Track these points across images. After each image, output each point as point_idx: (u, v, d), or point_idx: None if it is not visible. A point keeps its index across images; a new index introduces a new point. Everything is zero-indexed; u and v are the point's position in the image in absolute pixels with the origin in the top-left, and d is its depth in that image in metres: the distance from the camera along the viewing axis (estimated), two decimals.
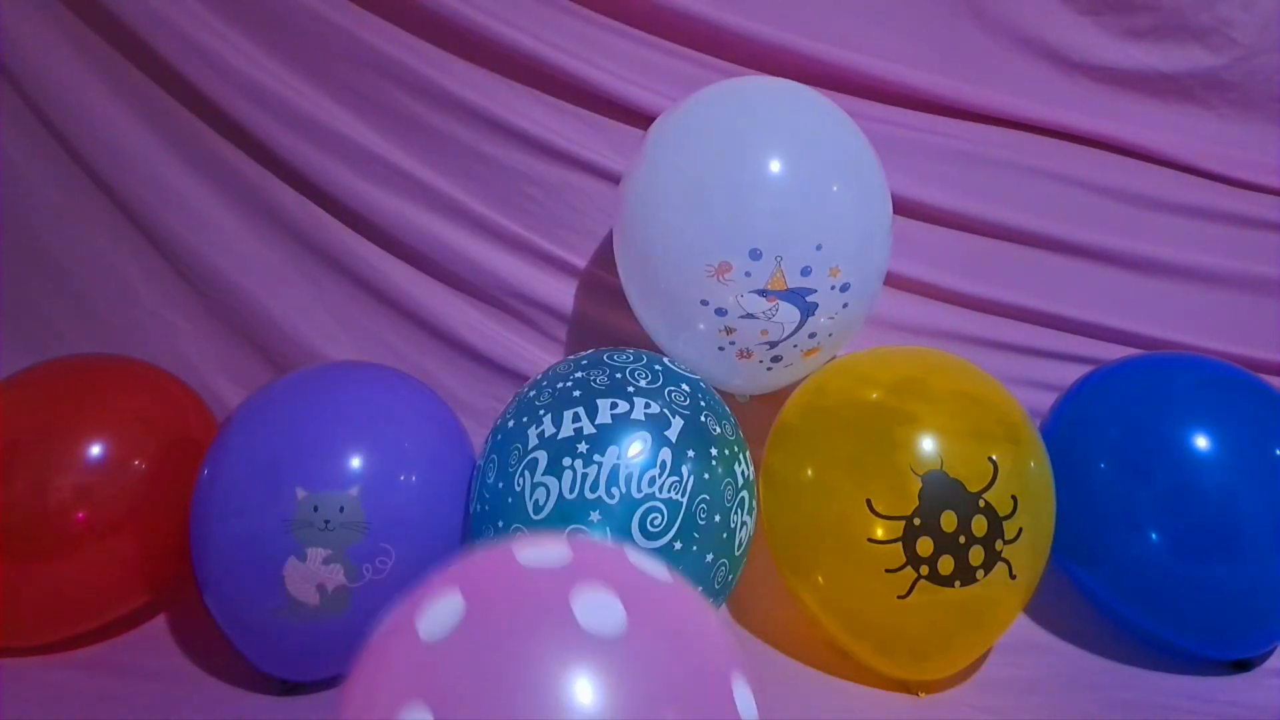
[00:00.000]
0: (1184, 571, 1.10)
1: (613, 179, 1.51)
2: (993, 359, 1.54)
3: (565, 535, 0.96)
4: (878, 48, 1.55)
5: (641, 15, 1.52)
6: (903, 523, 1.03)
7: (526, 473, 1.04)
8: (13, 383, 1.24)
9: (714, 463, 1.07)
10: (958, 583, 1.03)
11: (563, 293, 1.58)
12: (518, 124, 1.52)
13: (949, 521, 1.03)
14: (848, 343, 1.32)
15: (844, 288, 1.18)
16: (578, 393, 1.08)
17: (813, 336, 1.21)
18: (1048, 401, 1.31)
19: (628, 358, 1.16)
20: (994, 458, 1.06)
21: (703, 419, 1.10)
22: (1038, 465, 1.11)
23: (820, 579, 1.11)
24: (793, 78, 1.33)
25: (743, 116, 1.20)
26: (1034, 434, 1.14)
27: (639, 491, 1.02)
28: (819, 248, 1.14)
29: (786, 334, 1.20)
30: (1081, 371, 1.33)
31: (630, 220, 1.26)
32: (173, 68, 1.49)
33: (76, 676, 1.16)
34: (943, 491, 1.03)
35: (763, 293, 1.15)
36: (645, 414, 1.06)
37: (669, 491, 1.03)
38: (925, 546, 1.02)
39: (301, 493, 1.06)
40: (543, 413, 1.08)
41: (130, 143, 1.53)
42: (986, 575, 1.03)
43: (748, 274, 1.14)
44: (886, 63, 1.54)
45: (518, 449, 1.06)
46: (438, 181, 1.54)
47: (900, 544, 1.03)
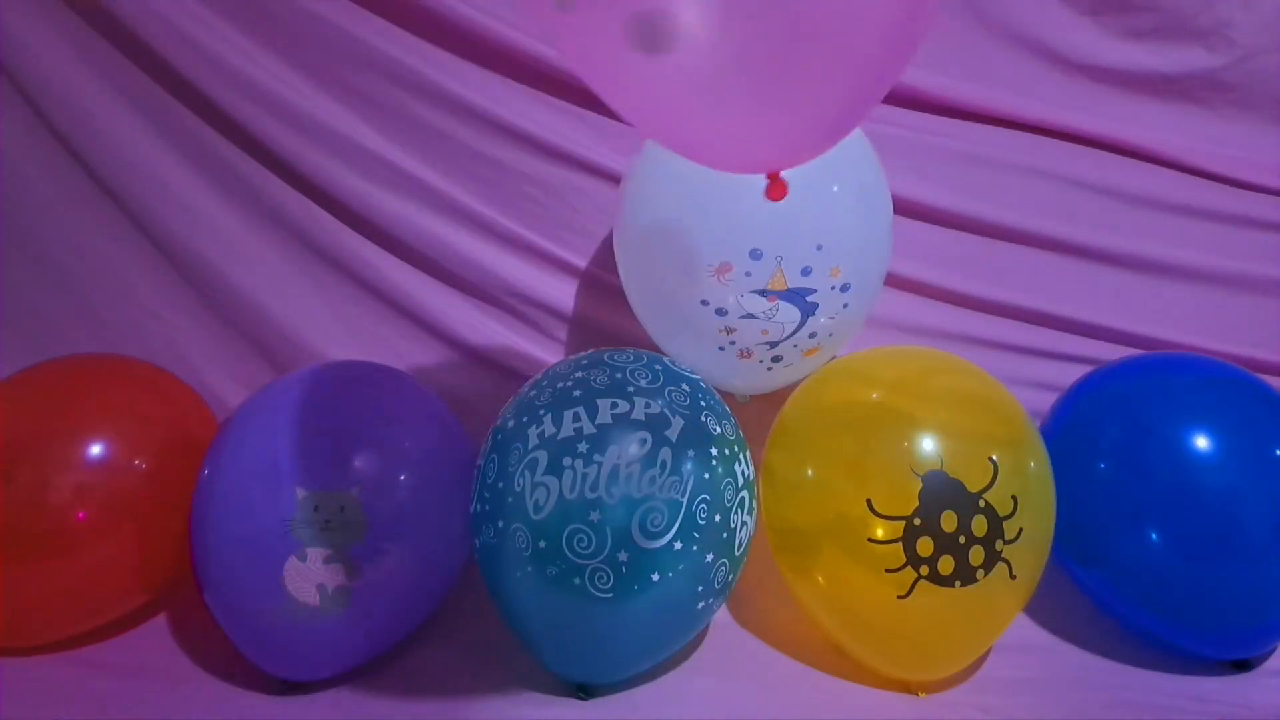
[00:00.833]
0: (1184, 571, 1.10)
1: (613, 179, 1.51)
2: (993, 359, 1.54)
3: None
4: None
5: None
6: (903, 523, 1.03)
7: (527, 472, 1.04)
8: (13, 383, 1.24)
9: (714, 463, 1.07)
10: (958, 583, 1.03)
11: (563, 293, 1.58)
12: (519, 124, 1.51)
13: (949, 521, 1.03)
14: (848, 343, 1.32)
15: (844, 288, 1.18)
16: (578, 393, 1.08)
17: (813, 336, 1.22)
18: (1048, 401, 1.30)
19: (628, 358, 1.16)
20: (994, 458, 1.06)
21: (703, 419, 1.10)
22: (1038, 465, 1.11)
23: (820, 579, 1.11)
24: None
25: None
26: (1034, 434, 1.14)
27: (639, 491, 1.02)
28: (819, 248, 1.14)
29: (787, 334, 1.20)
30: (1081, 371, 1.33)
31: (630, 220, 1.26)
32: (173, 68, 1.49)
33: (76, 676, 1.16)
34: (943, 491, 1.03)
35: (763, 293, 1.15)
36: (645, 414, 1.06)
37: (669, 491, 1.03)
38: (925, 546, 1.02)
39: (301, 492, 1.06)
40: (543, 413, 1.08)
41: (131, 143, 1.53)
42: (987, 575, 1.03)
43: (748, 274, 1.14)
44: None
45: (518, 449, 1.06)
46: (438, 182, 1.54)
47: (900, 544, 1.03)
